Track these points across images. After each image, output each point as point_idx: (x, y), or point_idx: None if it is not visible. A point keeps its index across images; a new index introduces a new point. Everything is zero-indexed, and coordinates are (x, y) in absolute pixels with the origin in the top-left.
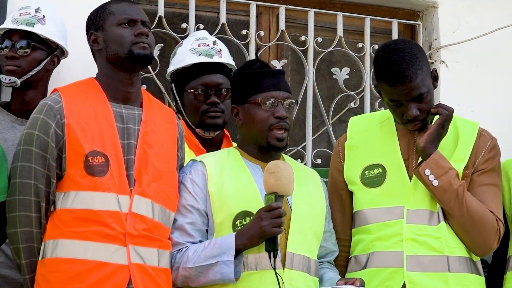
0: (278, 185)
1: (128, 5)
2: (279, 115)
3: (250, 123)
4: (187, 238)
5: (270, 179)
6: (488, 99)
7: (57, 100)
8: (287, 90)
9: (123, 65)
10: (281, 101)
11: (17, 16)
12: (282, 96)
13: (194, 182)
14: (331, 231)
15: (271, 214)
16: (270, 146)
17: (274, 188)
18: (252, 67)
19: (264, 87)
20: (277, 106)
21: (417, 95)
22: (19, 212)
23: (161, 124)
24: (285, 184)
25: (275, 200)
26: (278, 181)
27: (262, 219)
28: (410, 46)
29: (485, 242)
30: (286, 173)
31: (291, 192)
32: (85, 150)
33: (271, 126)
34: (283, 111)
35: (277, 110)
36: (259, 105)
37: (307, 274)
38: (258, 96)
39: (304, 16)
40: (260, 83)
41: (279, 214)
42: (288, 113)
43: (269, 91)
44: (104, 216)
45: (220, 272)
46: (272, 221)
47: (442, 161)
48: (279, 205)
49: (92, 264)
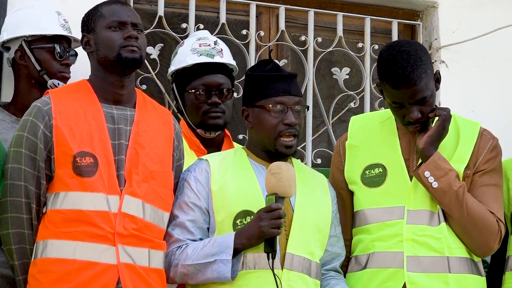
0: (279, 186)
1: (120, 7)
2: (288, 122)
3: (259, 127)
4: (188, 235)
5: (271, 179)
6: (488, 99)
7: (47, 102)
8: (297, 95)
9: (112, 68)
10: (291, 107)
11: (62, 22)
12: (292, 102)
13: (197, 180)
14: (338, 236)
15: (270, 215)
16: (278, 153)
17: (275, 189)
18: (264, 69)
19: (274, 92)
20: (286, 112)
21: (421, 99)
22: (10, 214)
23: (154, 124)
24: (286, 185)
25: (276, 201)
26: (279, 182)
27: (261, 220)
28: (416, 48)
29: (486, 243)
30: (288, 175)
31: (292, 193)
32: (73, 150)
33: (280, 133)
34: (293, 118)
35: (286, 116)
36: (268, 110)
37: (307, 276)
38: (267, 101)
39: (304, 16)
40: (270, 87)
41: (279, 215)
42: (298, 119)
43: (279, 96)
44: (93, 216)
45: (217, 270)
46: (271, 222)
47: (441, 162)
48: (279, 206)
49: (81, 264)
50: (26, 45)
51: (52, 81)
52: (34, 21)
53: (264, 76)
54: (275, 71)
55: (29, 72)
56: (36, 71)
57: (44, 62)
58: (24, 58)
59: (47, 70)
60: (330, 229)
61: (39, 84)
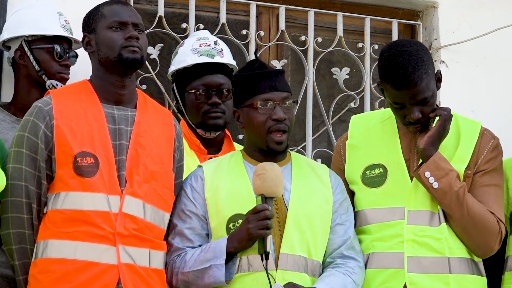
0: (264, 186)
1: (120, 7)
2: (276, 117)
3: (249, 126)
4: (187, 243)
5: (257, 181)
6: (488, 99)
7: (48, 102)
8: (285, 90)
9: (113, 68)
10: (278, 102)
11: (63, 23)
12: (279, 98)
13: (193, 188)
14: (344, 224)
15: (257, 216)
16: (270, 150)
17: (260, 190)
18: (250, 69)
19: (261, 89)
20: (274, 108)
21: (422, 99)
22: (11, 214)
23: (155, 125)
24: (271, 186)
25: (262, 202)
26: (264, 183)
27: (249, 222)
28: (417, 48)
29: (486, 243)
30: (272, 175)
31: (279, 193)
32: (74, 151)
33: (270, 129)
34: (281, 113)
35: (274, 112)
36: (256, 108)
37: (304, 274)
38: (254, 99)
39: (304, 16)
40: (256, 85)
41: (264, 216)
42: (287, 114)
43: (265, 93)
44: (93, 216)
45: (212, 275)
46: (258, 224)
47: (442, 163)
48: (265, 207)
49: (81, 264)
50: (26, 45)
51: (51, 81)
52: (34, 21)
53: (250, 75)
54: (261, 69)
55: (28, 72)
56: (35, 71)
57: (43, 63)
58: (23, 57)
59: (46, 70)
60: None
61: (38, 84)
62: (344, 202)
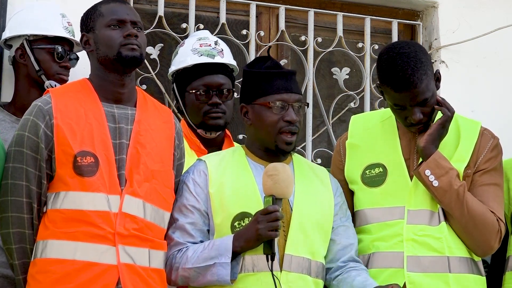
0: (276, 188)
1: (118, 6)
2: (289, 119)
3: (259, 124)
4: (188, 238)
5: (268, 181)
6: (488, 99)
7: (47, 101)
8: (298, 92)
9: (113, 66)
10: (291, 104)
11: (66, 24)
12: (293, 99)
13: (195, 182)
14: (346, 225)
15: (267, 217)
16: (279, 150)
17: (271, 191)
18: (263, 66)
19: (276, 89)
20: (287, 109)
21: (422, 100)
22: (11, 213)
23: (155, 123)
24: (283, 187)
25: (273, 203)
26: (276, 184)
27: (258, 222)
28: (415, 49)
29: (486, 242)
30: (284, 176)
31: (289, 194)
32: (74, 150)
33: (281, 130)
34: (294, 115)
35: (287, 113)
36: (269, 108)
37: (307, 276)
38: (268, 98)
39: (304, 16)
40: (271, 84)
41: (275, 217)
42: (298, 116)
43: (280, 93)
44: (93, 216)
45: (217, 274)
46: (268, 225)
47: (442, 161)
48: (276, 208)
49: (81, 264)
50: (27, 44)
51: (49, 82)
52: (36, 21)
53: (264, 73)
54: (276, 68)
55: (28, 72)
56: (35, 71)
57: (43, 63)
58: (24, 57)
59: (46, 70)
60: (333, 222)
61: (38, 84)
62: (343, 205)
